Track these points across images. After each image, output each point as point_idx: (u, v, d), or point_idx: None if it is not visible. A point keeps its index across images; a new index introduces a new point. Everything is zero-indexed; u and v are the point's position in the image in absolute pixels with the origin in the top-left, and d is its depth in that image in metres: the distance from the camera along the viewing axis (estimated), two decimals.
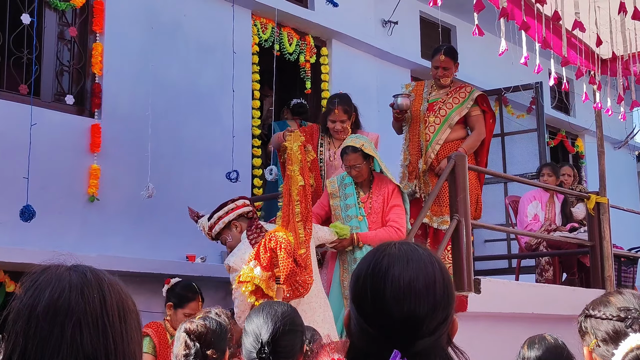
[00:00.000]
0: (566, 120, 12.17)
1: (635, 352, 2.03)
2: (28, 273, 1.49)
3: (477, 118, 6.43)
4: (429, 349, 1.53)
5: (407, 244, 1.65)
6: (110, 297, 1.46)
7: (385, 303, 1.53)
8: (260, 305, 2.82)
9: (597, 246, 7.33)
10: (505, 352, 4.39)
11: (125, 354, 1.44)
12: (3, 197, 5.89)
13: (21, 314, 1.41)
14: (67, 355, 1.37)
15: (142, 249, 6.24)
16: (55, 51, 6.74)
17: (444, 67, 6.47)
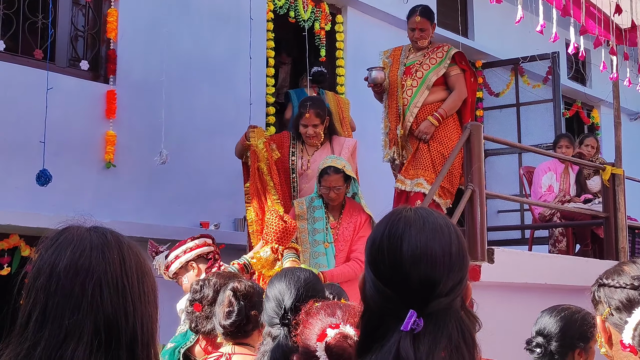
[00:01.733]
0: (582, 91, 12.10)
1: None
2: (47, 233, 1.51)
3: (456, 77, 6.25)
4: (444, 310, 1.55)
5: (422, 209, 1.68)
6: (130, 259, 1.48)
7: (402, 264, 1.56)
8: (283, 270, 2.81)
9: (611, 217, 7.32)
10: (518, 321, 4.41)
11: (143, 315, 1.46)
12: (19, 162, 5.92)
13: (42, 271, 1.42)
14: (87, 313, 1.39)
15: (156, 216, 6.28)
16: (70, 16, 6.74)
17: (420, 28, 6.29)
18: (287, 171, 5.75)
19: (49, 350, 1.36)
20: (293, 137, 5.87)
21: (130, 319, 1.43)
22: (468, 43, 10.11)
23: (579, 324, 3.19)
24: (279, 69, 8.51)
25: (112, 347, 1.41)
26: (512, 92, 10.36)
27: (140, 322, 1.45)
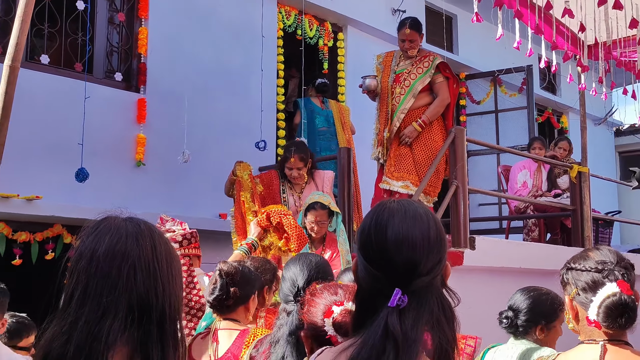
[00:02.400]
0: (553, 99, 12.09)
1: (612, 298, 2.06)
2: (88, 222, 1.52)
3: (440, 85, 6.14)
4: (425, 287, 1.57)
5: (404, 200, 1.71)
6: (160, 246, 1.49)
7: (387, 249, 1.58)
8: (297, 255, 2.82)
9: (578, 210, 7.32)
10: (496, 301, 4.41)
11: (170, 295, 1.47)
12: (61, 161, 5.93)
13: (84, 255, 1.43)
14: (122, 293, 1.40)
15: (180, 208, 6.27)
16: (106, 34, 6.75)
17: (409, 39, 6.16)
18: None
19: (89, 325, 1.37)
20: (281, 176, 5.71)
21: (160, 298, 1.44)
22: (453, 57, 10.10)
23: (544, 304, 3.21)
24: (288, 81, 8.51)
25: (144, 322, 1.42)
26: (492, 100, 10.36)
27: (168, 301, 1.46)
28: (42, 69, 6.05)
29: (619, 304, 2.04)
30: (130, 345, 1.41)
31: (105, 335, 1.36)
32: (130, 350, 1.41)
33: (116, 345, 1.38)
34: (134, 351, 1.41)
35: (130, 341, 1.40)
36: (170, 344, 1.44)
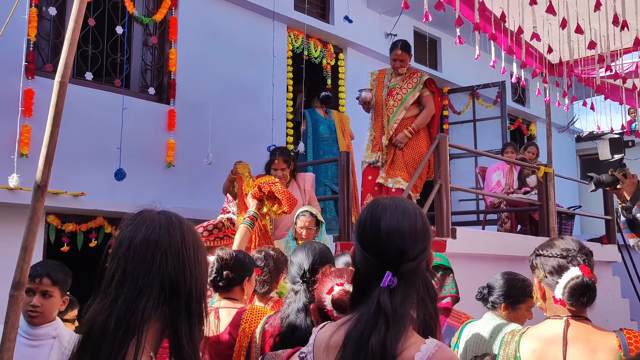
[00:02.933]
0: (522, 110, 12.07)
1: (575, 280, 2.06)
2: (127, 215, 1.52)
3: (427, 98, 6.15)
4: (412, 271, 1.58)
5: (395, 197, 1.71)
6: (188, 236, 1.49)
7: (380, 238, 1.59)
8: (303, 243, 2.82)
9: (544, 205, 7.31)
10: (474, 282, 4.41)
11: (197, 278, 1.47)
12: (102, 163, 5.95)
13: (123, 243, 1.44)
14: (155, 276, 1.41)
15: (204, 203, 6.28)
16: (141, 54, 6.76)
17: (400, 59, 6.20)
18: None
19: (127, 303, 1.37)
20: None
21: (188, 281, 1.44)
22: (437, 74, 10.10)
23: (514, 288, 3.19)
24: (296, 94, 8.51)
25: (174, 302, 1.42)
26: (470, 111, 10.35)
27: (195, 283, 1.46)
28: (87, 84, 6.06)
29: (581, 285, 2.05)
30: (161, 320, 1.41)
31: (141, 312, 1.36)
32: (161, 325, 1.42)
33: (150, 320, 1.38)
34: (164, 326, 1.42)
35: (161, 317, 1.41)
36: (196, 321, 1.45)
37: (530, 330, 2.19)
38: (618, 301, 8.53)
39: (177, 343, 1.40)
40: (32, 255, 2.74)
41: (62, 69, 2.91)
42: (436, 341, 1.53)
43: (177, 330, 1.41)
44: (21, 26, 5.54)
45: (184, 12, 6.92)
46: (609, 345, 2.02)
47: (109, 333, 1.33)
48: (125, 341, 1.33)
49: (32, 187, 2.75)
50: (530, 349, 2.11)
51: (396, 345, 1.50)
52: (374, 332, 1.51)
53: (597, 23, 5.53)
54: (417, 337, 1.55)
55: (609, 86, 7.69)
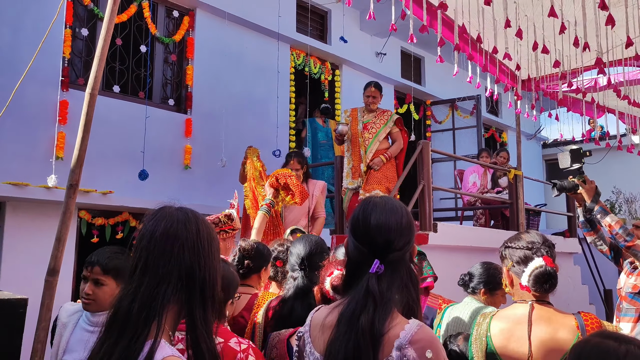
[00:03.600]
0: (495, 120, 12.07)
1: (539, 269, 2.06)
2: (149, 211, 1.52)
3: (397, 134, 6.15)
4: (398, 260, 1.60)
5: (385, 197, 1.74)
6: (203, 229, 1.49)
7: (370, 231, 1.62)
8: (301, 236, 2.82)
9: (514, 203, 7.32)
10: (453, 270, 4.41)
11: (210, 268, 1.48)
12: (128, 164, 5.94)
13: (145, 236, 1.44)
14: (173, 266, 1.41)
15: (218, 201, 6.27)
16: (162, 70, 6.75)
17: (373, 96, 6.12)
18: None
19: (149, 289, 1.38)
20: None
21: (202, 270, 1.45)
22: (421, 88, 10.11)
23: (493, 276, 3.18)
24: (298, 106, 8.51)
25: (190, 288, 1.42)
26: (450, 120, 10.35)
27: (208, 272, 1.46)
28: (114, 96, 6.06)
29: (544, 274, 2.05)
30: (179, 304, 1.42)
31: (161, 297, 1.37)
32: (179, 308, 1.42)
33: (169, 305, 1.39)
34: (181, 309, 1.42)
35: (179, 302, 1.41)
36: (209, 305, 1.45)
37: (499, 313, 2.19)
38: (578, 287, 8.54)
39: (192, 324, 1.41)
40: (65, 245, 2.74)
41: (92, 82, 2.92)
42: (418, 321, 1.54)
43: (192, 313, 1.41)
44: (57, 45, 5.54)
45: (200, 33, 6.91)
46: (569, 326, 2.02)
47: (132, 315, 1.34)
48: (147, 323, 1.34)
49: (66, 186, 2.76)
50: (499, 329, 2.12)
51: (383, 325, 1.51)
52: (364, 312, 1.53)
53: (561, 44, 5.54)
54: (401, 318, 1.55)
55: (571, 100, 7.70)
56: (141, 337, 1.31)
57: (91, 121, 2.89)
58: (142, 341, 1.31)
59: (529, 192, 9.09)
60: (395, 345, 1.47)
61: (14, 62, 5.20)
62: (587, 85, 7.06)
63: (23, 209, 5.26)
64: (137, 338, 1.31)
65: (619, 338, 1.28)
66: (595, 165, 12.89)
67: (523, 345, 2.02)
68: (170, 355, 1.30)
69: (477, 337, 2.14)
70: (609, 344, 1.25)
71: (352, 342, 1.49)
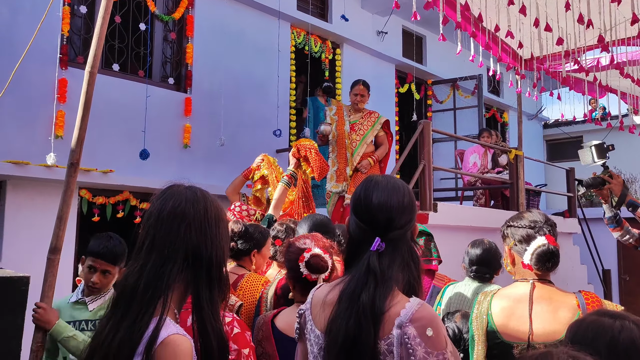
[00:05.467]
0: (497, 99, 12.01)
1: (542, 247, 2.06)
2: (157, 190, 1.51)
3: (383, 137, 6.03)
4: (399, 238, 1.60)
5: (387, 175, 1.74)
6: (211, 209, 1.48)
7: (372, 209, 1.61)
8: (307, 216, 2.82)
9: (515, 183, 7.32)
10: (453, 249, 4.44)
11: (217, 248, 1.47)
12: (129, 144, 5.93)
13: (153, 214, 1.44)
14: (180, 245, 1.41)
15: (216, 180, 6.27)
16: (162, 49, 6.70)
17: (361, 94, 5.96)
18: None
19: (155, 268, 1.38)
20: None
21: (208, 250, 1.44)
22: (422, 67, 10.04)
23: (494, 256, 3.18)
24: (298, 85, 8.46)
25: (196, 267, 1.42)
26: (451, 100, 10.29)
27: (215, 252, 1.46)
28: (114, 75, 6.01)
29: (547, 252, 2.05)
30: (184, 283, 1.42)
31: (167, 276, 1.37)
32: (185, 287, 1.42)
33: (175, 283, 1.39)
34: (187, 288, 1.42)
35: (184, 281, 1.41)
36: (215, 285, 1.45)
37: (500, 291, 2.20)
38: (577, 267, 8.59)
39: (198, 304, 1.41)
40: (66, 223, 2.74)
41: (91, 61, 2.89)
42: (419, 299, 1.54)
43: (198, 293, 1.41)
44: (56, 23, 5.48)
45: (199, 11, 6.84)
46: (569, 304, 2.03)
47: (138, 294, 1.34)
48: (153, 301, 1.34)
49: (66, 164, 2.75)
50: (500, 307, 2.13)
51: (384, 302, 1.51)
52: (365, 289, 1.53)
53: (565, 22, 5.49)
54: (402, 296, 1.56)
55: (573, 79, 7.65)
56: (147, 315, 1.31)
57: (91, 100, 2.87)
58: (148, 319, 1.31)
59: (529, 172, 9.09)
60: (396, 324, 1.48)
61: (13, 41, 5.15)
62: (589, 65, 7.00)
63: (23, 188, 5.25)
64: (142, 316, 1.31)
65: (615, 315, 1.29)
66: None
67: (524, 324, 2.03)
68: (175, 333, 1.30)
69: (478, 315, 2.15)
70: (604, 321, 1.26)
71: (353, 319, 1.50)
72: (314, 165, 4.04)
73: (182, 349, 1.30)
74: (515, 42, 6.53)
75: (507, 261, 2.23)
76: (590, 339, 1.24)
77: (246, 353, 1.91)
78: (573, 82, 7.60)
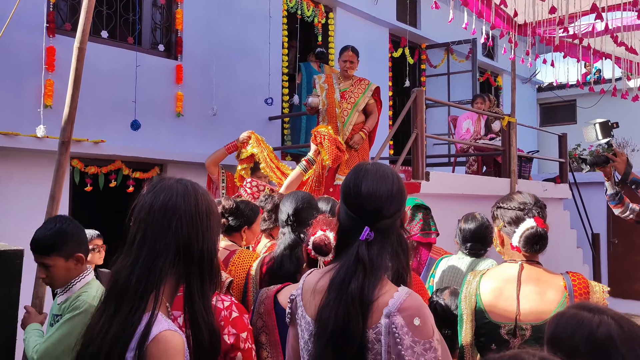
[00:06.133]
0: (491, 63, 11.92)
1: (530, 230, 2.09)
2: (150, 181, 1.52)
3: (373, 106, 5.82)
4: (388, 227, 1.61)
5: (377, 163, 1.73)
6: (202, 203, 1.49)
7: (361, 198, 1.62)
8: (290, 193, 2.83)
9: (507, 150, 7.34)
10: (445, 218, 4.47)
11: (208, 241, 1.48)
12: (119, 115, 5.87)
13: (144, 208, 1.44)
14: (171, 239, 1.41)
15: (209, 149, 6.22)
16: (151, 14, 6.56)
17: (350, 60, 5.77)
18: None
19: (147, 262, 1.39)
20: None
21: (200, 243, 1.45)
22: (416, 32, 9.91)
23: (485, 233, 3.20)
24: (290, 50, 8.35)
25: (187, 261, 1.43)
26: (445, 65, 10.21)
27: (206, 245, 1.47)
28: (103, 42, 5.90)
29: (535, 235, 2.08)
30: (176, 277, 1.43)
31: (159, 271, 1.38)
32: (176, 280, 1.44)
33: (166, 277, 1.40)
34: (179, 280, 1.44)
35: (176, 274, 1.43)
36: (206, 277, 1.46)
37: (489, 272, 2.24)
38: (567, 232, 8.70)
39: (190, 299, 1.43)
40: (59, 203, 2.75)
41: (80, 36, 2.84)
42: (407, 289, 1.57)
43: (190, 286, 1.43)
44: None
45: None
46: (557, 286, 2.07)
47: (130, 288, 1.36)
48: (145, 295, 1.35)
49: (56, 134, 2.73)
50: (489, 287, 2.17)
51: (372, 292, 1.53)
52: (354, 278, 1.55)
53: None
54: (391, 286, 1.58)
55: (567, 44, 7.58)
56: (139, 311, 1.33)
57: (81, 76, 2.83)
58: (140, 315, 1.33)
59: (522, 137, 9.11)
60: (384, 313, 1.50)
61: None
62: (584, 31, 6.93)
63: (14, 158, 5.22)
64: (134, 311, 1.33)
65: (594, 309, 1.32)
66: (588, 110, 12.86)
67: (512, 304, 2.07)
68: (167, 329, 1.32)
69: (467, 295, 2.19)
70: (584, 315, 1.29)
71: (342, 308, 1.52)
72: (329, 153, 4.08)
73: (174, 345, 1.32)
74: (510, 10, 6.45)
75: (496, 242, 2.26)
76: (570, 332, 1.27)
77: (244, 337, 1.95)
78: (567, 47, 7.54)
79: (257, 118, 7.15)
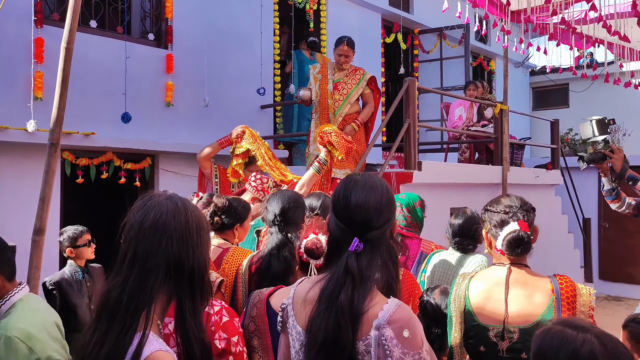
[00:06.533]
0: (484, 48, 11.88)
1: (512, 234, 2.11)
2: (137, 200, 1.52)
3: (368, 95, 5.73)
4: (377, 238, 1.62)
5: (367, 174, 1.74)
6: (192, 220, 1.49)
7: (351, 209, 1.63)
8: (277, 192, 2.84)
9: (499, 137, 7.35)
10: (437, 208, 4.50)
11: (199, 258, 1.49)
12: (110, 107, 5.84)
13: (134, 226, 1.45)
14: (162, 257, 1.42)
15: (201, 140, 6.22)
16: (140, 2, 6.49)
17: (345, 54, 5.65)
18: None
19: (138, 281, 1.40)
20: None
21: (190, 260, 1.46)
22: (409, 17, 9.86)
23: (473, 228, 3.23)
24: (282, 36, 8.29)
25: (178, 279, 1.45)
26: (438, 50, 10.17)
27: (197, 262, 1.48)
28: (91, 32, 5.84)
29: (517, 238, 2.11)
30: (167, 294, 1.44)
31: (150, 290, 1.39)
32: (168, 296, 1.45)
33: (157, 295, 1.42)
34: (170, 298, 1.45)
35: (167, 291, 1.44)
36: (197, 294, 1.48)
37: (478, 274, 2.27)
38: (558, 217, 8.77)
39: (181, 315, 1.44)
40: (49, 205, 2.75)
41: (67, 36, 2.82)
42: (397, 300, 1.59)
43: (181, 303, 1.44)
44: None
45: None
46: (544, 289, 2.10)
47: (122, 307, 1.37)
48: (136, 314, 1.37)
49: (47, 127, 2.70)
50: (478, 290, 2.20)
51: (362, 304, 1.55)
52: (343, 290, 1.57)
53: None
54: (381, 297, 1.60)
55: (560, 31, 7.57)
56: (130, 330, 1.34)
57: (68, 76, 2.82)
58: (132, 334, 1.34)
59: (514, 123, 9.13)
60: (374, 325, 1.53)
61: None
62: (577, 18, 6.92)
63: (4, 152, 5.20)
64: (126, 331, 1.34)
65: (578, 326, 1.35)
66: (581, 94, 12.88)
67: (500, 307, 2.11)
68: (158, 350, 1.34)
69: (456, 297, 2.22)
70: (568, 333, 1.32)
71: (332, 320, 1.54)
72: (339, 146, 4.05)
73: None
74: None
75: (485, 244, 2.28)
76: (555, 348, 1.30)
77: (235, 341, 1.97)
78: (560, 34, 7.53)
79: (249, 106, 7.13)
